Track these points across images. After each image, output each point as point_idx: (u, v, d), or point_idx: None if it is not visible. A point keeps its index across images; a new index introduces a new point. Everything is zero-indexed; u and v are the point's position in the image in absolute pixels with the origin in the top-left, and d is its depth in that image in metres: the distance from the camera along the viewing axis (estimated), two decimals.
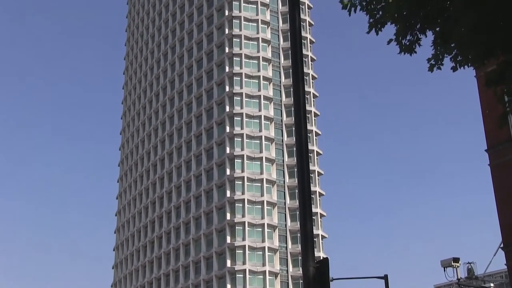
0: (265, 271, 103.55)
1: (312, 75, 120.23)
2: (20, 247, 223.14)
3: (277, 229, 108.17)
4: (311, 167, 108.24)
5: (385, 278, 34.57)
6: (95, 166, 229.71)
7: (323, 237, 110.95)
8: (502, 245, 28.42)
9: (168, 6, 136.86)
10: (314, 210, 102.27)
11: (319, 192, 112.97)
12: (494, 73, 10.11)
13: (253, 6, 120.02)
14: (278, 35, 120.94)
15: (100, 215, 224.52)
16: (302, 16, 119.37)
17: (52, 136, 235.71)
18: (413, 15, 10.67)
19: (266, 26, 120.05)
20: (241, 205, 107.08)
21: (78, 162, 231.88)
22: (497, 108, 12.99)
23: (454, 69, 11.05)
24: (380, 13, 11.07)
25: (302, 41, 36.73)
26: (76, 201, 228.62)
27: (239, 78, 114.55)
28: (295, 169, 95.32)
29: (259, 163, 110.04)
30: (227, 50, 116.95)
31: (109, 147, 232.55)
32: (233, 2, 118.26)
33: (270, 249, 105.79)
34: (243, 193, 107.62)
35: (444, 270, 32.92)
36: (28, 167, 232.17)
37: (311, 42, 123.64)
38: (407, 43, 11.02)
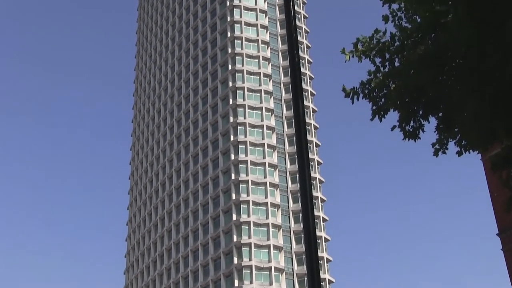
0: None
1: (317, 160, 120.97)
2: None
3: None
4: (320, 254, 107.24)
5: None
6: (103, 238, 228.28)
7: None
8: None
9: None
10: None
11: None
12: (499, 157, 10.15)
13: (256, 94, 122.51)
14: (282, 122, 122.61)
15: (107, 273, 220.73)
16: (306, 102, 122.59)
17: (57, 193, 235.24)
18: (415, 102, 10.86)
19: (270, 114, 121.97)
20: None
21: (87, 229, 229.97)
22: (505, 191, 12.92)
23: (459, 153, 11.10)
24: (383, 100, 11.26)
25: (306, 127, 37.13)
26: (81, 268, 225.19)
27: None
28: (303, 256, 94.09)
29: (266, 250, 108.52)
30: (232, 138, 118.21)
31: (117, 221, 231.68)
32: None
33: None
34: (251, 283, 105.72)
35: None
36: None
37: (315, 128, 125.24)
38: (411, 130, 11.15)
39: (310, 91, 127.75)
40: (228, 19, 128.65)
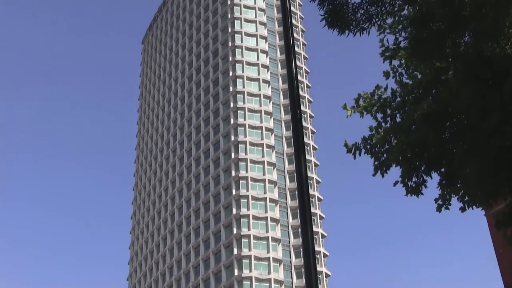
0: None
1: (319, 215, 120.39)
2: None
3: None
4: None
5: None
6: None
7: None
8: None
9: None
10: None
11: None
12: (503, 214, 10.05)
13: (258, 148, 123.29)
14: (284, 176, 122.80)
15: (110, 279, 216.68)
16: (308, 156, 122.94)
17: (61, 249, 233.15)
18: (417, 158, 10.82)
19: (272, 168, 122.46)
20: None
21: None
22: (511, 248, 12.74)
23: (462, 209, 11.00)
24: (385, 156, 11.23)
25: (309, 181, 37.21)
26: None
27: (246, 220, 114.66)
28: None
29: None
30: (233, 192, 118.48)
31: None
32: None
33: None
34: None
35: None
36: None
37: (317, 182, 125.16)
38: (413, 185, 11.06)
39: (312, 145, 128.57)
40: (231, 74, 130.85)
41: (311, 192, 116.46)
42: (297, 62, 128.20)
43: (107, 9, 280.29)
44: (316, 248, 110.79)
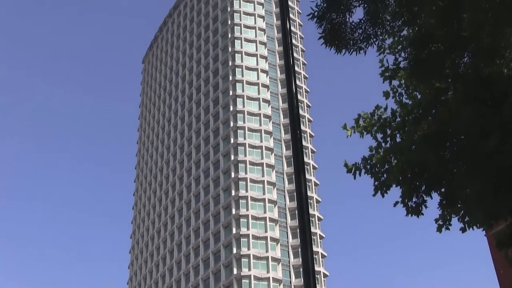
0: None
1: (319, 234, 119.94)
2: None
3: None
4: None
5: None
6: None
7: None
8: None
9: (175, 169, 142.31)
10: None
11: None
12: (504, 235, 10.01)
13: (258, 167, 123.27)
14: (284, 195, 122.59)
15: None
16: (308, 175, 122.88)
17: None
18: (417, 178, 10.79)
19: (272, 187, 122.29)
20: None
21: None
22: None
23: (463, 230, 10.96)
24: (385, 176, 11.21)
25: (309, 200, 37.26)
26: None
27: (246, 240, 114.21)
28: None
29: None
30: (233, 211, 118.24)
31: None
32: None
33: None
34: None
35: None
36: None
37: (317, 201, 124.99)
38: (414, 205, 11.02)
39: (312, 164, 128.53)
40: (231, 93, 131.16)
41: (311, 211, 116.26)
42: (297, 82, 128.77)
43: (108, 28, 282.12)
44: (316, 268, 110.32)
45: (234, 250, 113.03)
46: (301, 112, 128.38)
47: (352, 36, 9.72)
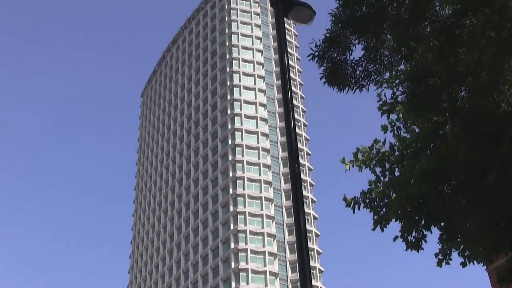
0: None
1: (319, 268, 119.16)
2: None
3: None
4: None
5: None
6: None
7: None
8: None
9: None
10: None
11: None
12: (504, 270, 9.90)
13: (257, 201, 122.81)
14: (283, 229, 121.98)
15: None
16: (307, 209, 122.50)
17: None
18: (416, 212, 10.73)
19: (270, 221, 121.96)
20: None
21: None
22: None
23: (463, 264, 10.85)
24: (384, 210, 11.14)
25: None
26: None
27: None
28: None
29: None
30: (232, 245, 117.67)
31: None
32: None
33: None
34: None
35: None
36: None
37: (316, 235, 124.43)
38: (413, 240, 10.94)
39: (311, 198, 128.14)
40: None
41: (310, 245, 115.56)
42: (296, 115, 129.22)
43: (107, 62, 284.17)
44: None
45: (233, 285, 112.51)
46: (299, 145, 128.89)
47: (353, 74, 9.75)
